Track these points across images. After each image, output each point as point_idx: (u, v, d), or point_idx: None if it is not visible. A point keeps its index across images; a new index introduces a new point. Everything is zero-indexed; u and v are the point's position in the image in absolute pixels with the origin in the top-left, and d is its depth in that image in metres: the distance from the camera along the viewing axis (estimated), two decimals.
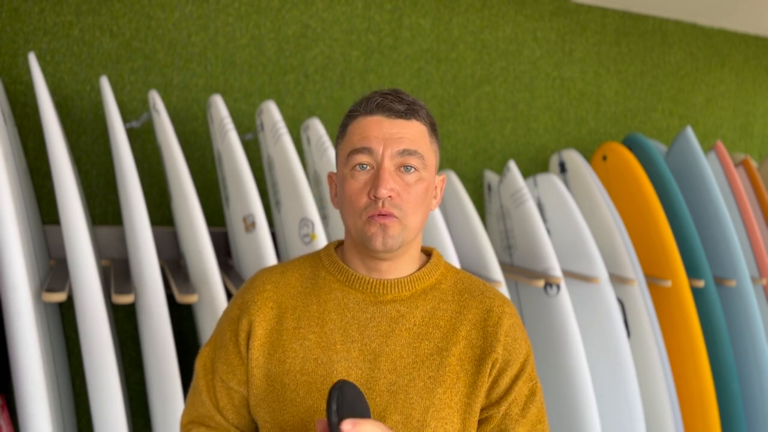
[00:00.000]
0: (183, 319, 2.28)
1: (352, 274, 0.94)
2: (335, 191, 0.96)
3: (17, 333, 1.38)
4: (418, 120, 0.91)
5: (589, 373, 2.11)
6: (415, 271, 0.95)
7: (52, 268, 1.87)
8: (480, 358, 0.91)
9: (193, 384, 1.00)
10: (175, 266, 2.07)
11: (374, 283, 0.93)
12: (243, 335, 0.95)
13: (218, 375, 0.97)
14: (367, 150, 0.88)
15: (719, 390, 2.40)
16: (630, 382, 2.15)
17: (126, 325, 2.22)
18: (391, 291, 0.93)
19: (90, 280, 1.49)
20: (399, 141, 0.88)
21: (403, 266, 0.94)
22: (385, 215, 0.87)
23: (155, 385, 1.66)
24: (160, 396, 1.63)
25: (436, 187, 0.96)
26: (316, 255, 1.01)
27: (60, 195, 1.50)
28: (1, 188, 1.37)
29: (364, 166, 0.88)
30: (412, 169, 0.89)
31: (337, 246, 1.02)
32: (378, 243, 0.87)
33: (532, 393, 0.94)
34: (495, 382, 0.92)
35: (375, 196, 0.86)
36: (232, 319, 0.97)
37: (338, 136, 0.95)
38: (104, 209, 2.22)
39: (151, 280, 1.60)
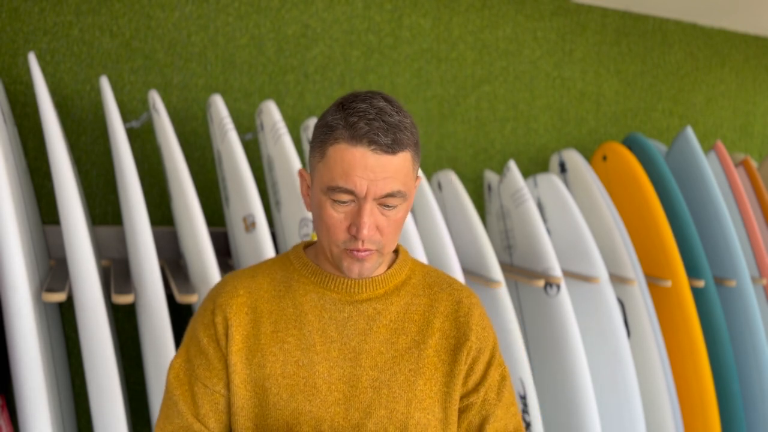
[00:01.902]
0: (183, 319, 2.28)
1: (326, 276, 0.95)
2: (306, 191, 0.94)
3: (17, 333, 1.38)
4: (403, 150, 0.86)
5: (589, 373, 2.11)
6: (387, 269, 0.98)
7: (52, 268, 1.87)
8: (455, 347, 0.95)
9: (165, 398, 0.97)
10: (175, 266, 2.07)
11: (349, 283, 0.94)
12: (223, 339, 0.93)
13: (200, 381, 0.94)
14: (350, 191, 0.85)
15: (719, 390, 2.40)
16: (630, 382, 2.15)
17: (126, 325, 2.22)
18: (366, 290, 0.95)
19: (90, 280, 1.49)
20: (384, 183, 0.84)
21: None
22: (364, 251, 0.88)
23: (155, 385, 1.66)
24: (160, 396, 1.63)
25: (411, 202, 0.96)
26: (285, 258, 1.00)
27: (60, 195, 1.50)
28: (1, 188, 1.37)
29: (345, 202, 0.86)
30: (394, 207, 0.88)
31: (306, 247, 1.01)
32: (354, 273, 0.90)
33: (503, 377, 0.99)
34: (471, 370, 0.96)
35: (355, 236, 0.86)
36: (206, 325, 0.95)
37: (315, 147, 0.90)
38: (104, 209, 2.22)
39: (151, 280, 1.60)
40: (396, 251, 1.02)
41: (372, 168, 0.84)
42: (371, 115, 0.84)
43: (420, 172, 2.01)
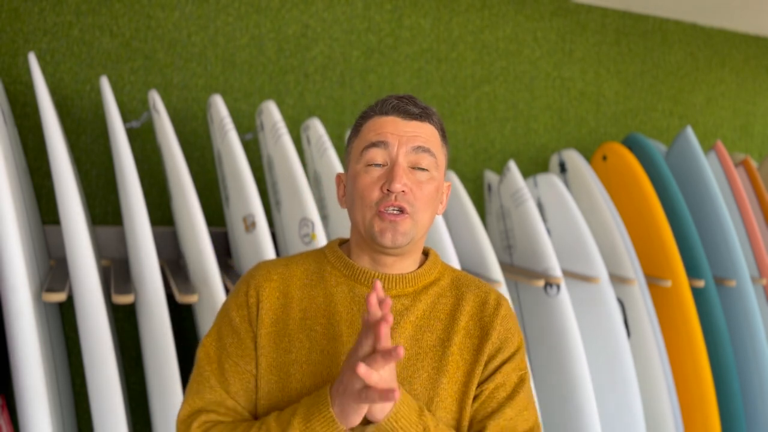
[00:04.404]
0: (183, 319, 2.28)
1: (358, 269, 0.96)
2: (343, 191, 0.99)
3: (17, 333, 1.38)
4: (431, 123, 0.95)
5: (589, 373, 2.11)
6: (417, 269, 0.98)
7: (52, 268, 1.87)
8: (477, 348, 0.95)
9: (195, 374, 0.97)
10: (175, 266, 2.07)
11: (380, 278, 0.95)
12: (254, 320, 0.95)
13: (231, 359, 0.95)
14: (383, 144, 0.91)
15: (719, 390, 2.40)
16: (630, 382, 2.15)
17: (126, 325, 2.22)
18: (395, 286, 0.95)
19: (90, 280, 1.49)
20: (414, 138, 0.92)
21: (407, 263, 0.97)
22: (397, 209, 0.90)
23: (155, 385, 1.66)
24: (160, 396, 1.63)
25: (442, 192, 0.98)
26: (320, 251, 1.02)
27: (60, 195, 1.50)
28: (1, 188, 1.37)
29: (379, 164, 0.91)
30: (425, 170, 0.92)
31: (340, 243, 1.03)
32: (387, 239, 0.90)
33: (522, 381, 0.97)
34: (486, 365, 0.95)
35: (389, 190, 0.89)
36: (240, 305, 0.97)
37: (350, 136, 0.98)
38: (104, 209, 2.22)
39: (151, 280, 1.60)
40: (426, 253, 1.03)
41: (403, 127, 0.92)
42: (401, 95, 0.96)
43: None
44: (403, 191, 0.89)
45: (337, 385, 0.83)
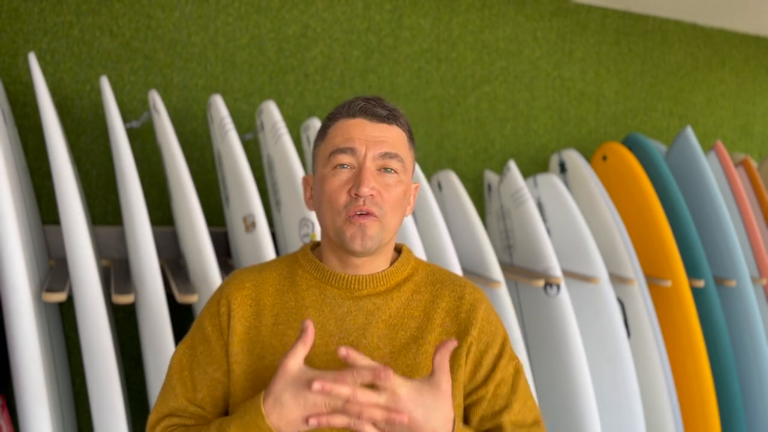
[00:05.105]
0: (183, 319, 2.28)
1: (328, 271, 0.96)
2: (310, 194, 0.99)
3: (17, 333, 1.38)
4: (398, 126, 0.94)
5: (589, 373, 2.11)
6: (389, 267, 0.98)
7: (52, 268, 1.87)
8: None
9: (165, 381, 0.99)
10: (175, 266, 2.07)
11: (350, 279, 0.95)
12: (225, 330, 0.96)
13: (201, 367, 0.96)
14: (350, 150, 0.90)
15: (719, 390, 2.40)
16: (630, 382, 2.15)
17: (126, 325, 2.22)
18: (366, 286, 0.95)
19: (90, 280, 1.49)
20: (381, 143, 0.91)
21: (377, 263, 0.97)
22: (365, 213, 0.89)
23: (155, 385, 1.66)
24: None
25: (410, 194, 0.99)
26: (293, 256, 1.03)
27: (60, 195, 1.50)
28: (1, 188, 1.37)
29: (345, 165, 0.91)
30: (393, 171, 0.92)
31: (314, 247, 1.04)
32: (357, 244, 0.90)
33: (517, 371, 0.98)
34: (479, 363, 0.95)
35: (357, 194, 0.89)
36: (212, 314, 0.98)
37: (317, 138, 0.97)
38: (104, 209, 2.22)
39: (151, 280, 1.60)
40: (399, 250, 1.03)
41: (370, 131, 0.91)
42: (368, 97, 0.95)
43: (422, 179, 2.01)
44: (371, 195, 0.89)
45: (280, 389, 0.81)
